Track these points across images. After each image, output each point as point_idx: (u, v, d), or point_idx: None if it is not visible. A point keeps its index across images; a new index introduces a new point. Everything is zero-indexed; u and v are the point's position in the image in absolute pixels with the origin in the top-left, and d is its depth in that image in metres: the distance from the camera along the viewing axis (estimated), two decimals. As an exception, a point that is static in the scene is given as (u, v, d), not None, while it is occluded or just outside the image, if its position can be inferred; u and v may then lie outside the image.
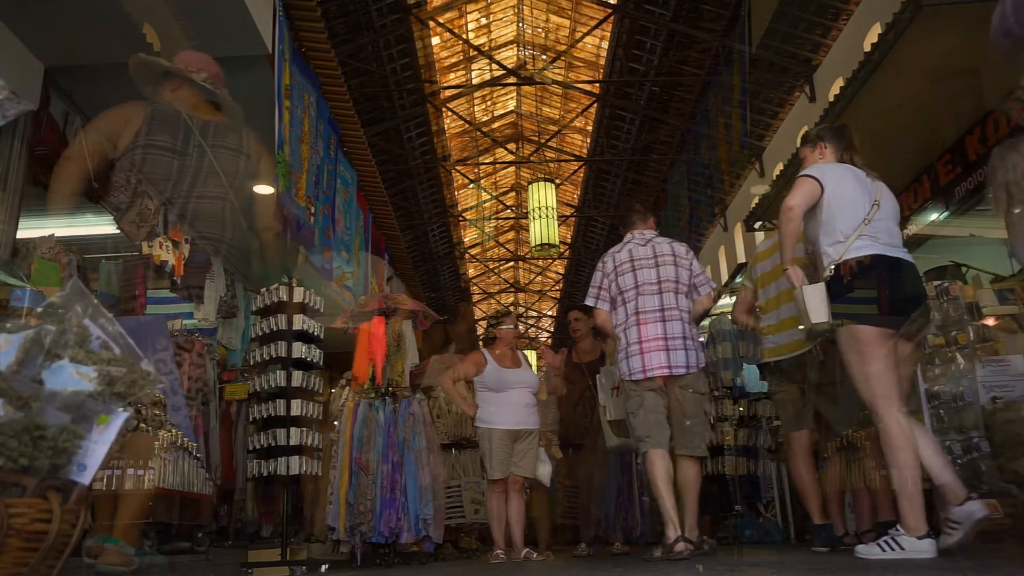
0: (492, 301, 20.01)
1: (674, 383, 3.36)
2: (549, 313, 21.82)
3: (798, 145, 3.22)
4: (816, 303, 2.59)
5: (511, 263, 19.04)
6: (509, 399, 4.10)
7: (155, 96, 2.79)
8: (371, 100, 10.68)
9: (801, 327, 2.71)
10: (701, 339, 3.91)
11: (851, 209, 2.71)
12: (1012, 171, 2.40)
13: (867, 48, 5.76)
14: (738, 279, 7.87)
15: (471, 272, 19.18)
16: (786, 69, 8.87)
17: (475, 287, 19.47)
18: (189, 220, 2.52)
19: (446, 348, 5.81)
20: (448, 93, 12.31)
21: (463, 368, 4.30)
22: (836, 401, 3.58)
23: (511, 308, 18.94)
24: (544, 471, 4.29)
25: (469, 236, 17.24)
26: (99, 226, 6.30)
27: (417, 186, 13.47)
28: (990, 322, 3.34)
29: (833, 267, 2.64)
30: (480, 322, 7.11)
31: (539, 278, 19.73)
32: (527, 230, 13.57)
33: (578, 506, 4.94)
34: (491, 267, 18.93)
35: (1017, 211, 2.32)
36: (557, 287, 19.91)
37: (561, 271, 19.09)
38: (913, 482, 2.42)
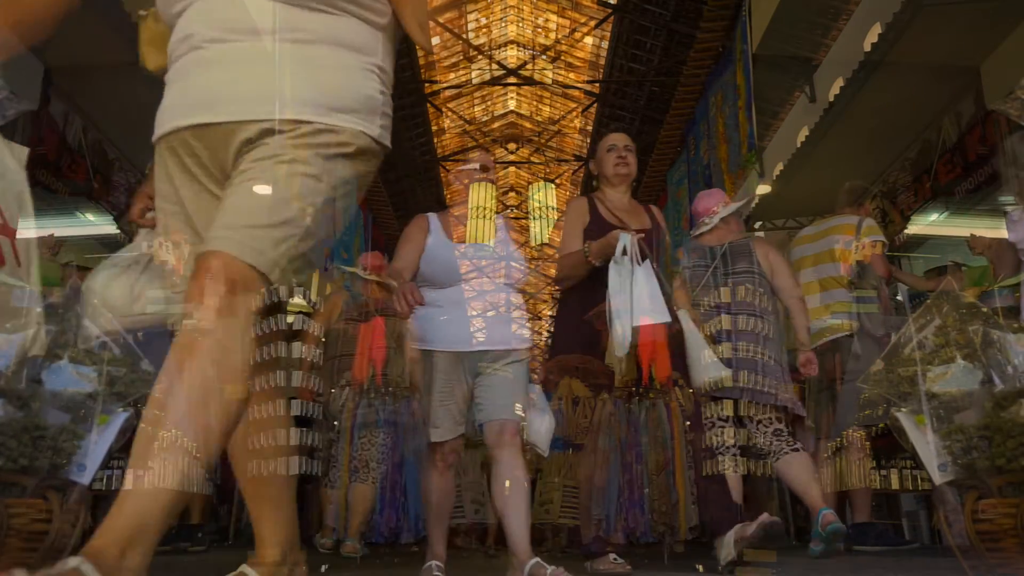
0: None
1: None
2: (550, 314, 21.82)
3: (797, 145, 3.43)
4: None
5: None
6: (461, 299, 2.59)
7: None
8: (371, 100, 10.68)
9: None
10: None
11: None
12: None
13: (867, 48, 5.76)
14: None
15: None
16: (786, 69, 8.86)
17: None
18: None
19: None
20: (448, 93, 12.31)
21: (402, 248, 2.65)
22: (836, 400, 3.59)
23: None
24: (540, 426, 2.81)
25: (469, 236, 17.22)
26: (99, 226, 6.33)
27: (417, 186, 13.47)
28: (990, 322, 3.33)
29: None
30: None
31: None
32: (528, 230, 13.55)
33: (578, 506, 4.93)
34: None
35: None
36: (557, 287, 19.87)
37: (561, 271, 19.05)
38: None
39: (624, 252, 2.70)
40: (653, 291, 2.70)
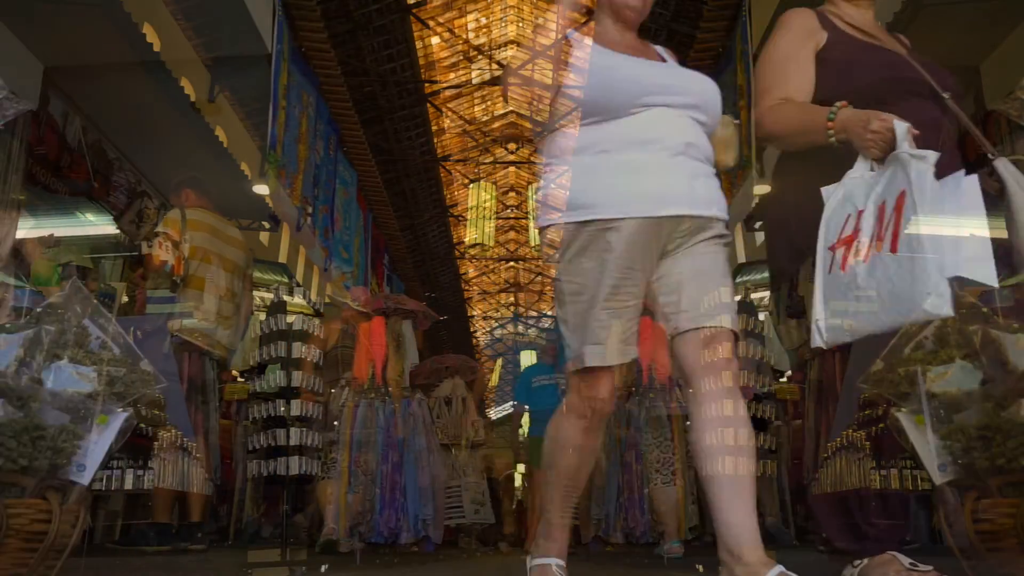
0: (492, 301, 20.01)
1: None
2: (548, 313, 21.82)
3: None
4: None
5: (511, 263, 19.05)
6: (642, 137, 1.65)
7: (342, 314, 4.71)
8: (370, 100, 10.67)
9: None
10: None
11: None
12: None
13: (867, 48, 5.76)
14: (738, 279, 7.85)
15: (471, 272, 19.18)
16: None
17: (476, 287, 19.47)
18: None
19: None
20: (448, 93, 12.31)
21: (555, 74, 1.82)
22: (836, 400, 3.59)
23: None
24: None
25: (469, 236, 17.24)
26: (99, 226, 6.33)
27: (417, 186, 13.47)
28: (990, 322, 3.34)
29: None
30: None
31: (539, 278, 19.74)
32: (528, 230, 13.56)
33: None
34: (491, 267, 18.95)
35: None
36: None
37: (561, 271, 19.00)
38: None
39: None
40: None
